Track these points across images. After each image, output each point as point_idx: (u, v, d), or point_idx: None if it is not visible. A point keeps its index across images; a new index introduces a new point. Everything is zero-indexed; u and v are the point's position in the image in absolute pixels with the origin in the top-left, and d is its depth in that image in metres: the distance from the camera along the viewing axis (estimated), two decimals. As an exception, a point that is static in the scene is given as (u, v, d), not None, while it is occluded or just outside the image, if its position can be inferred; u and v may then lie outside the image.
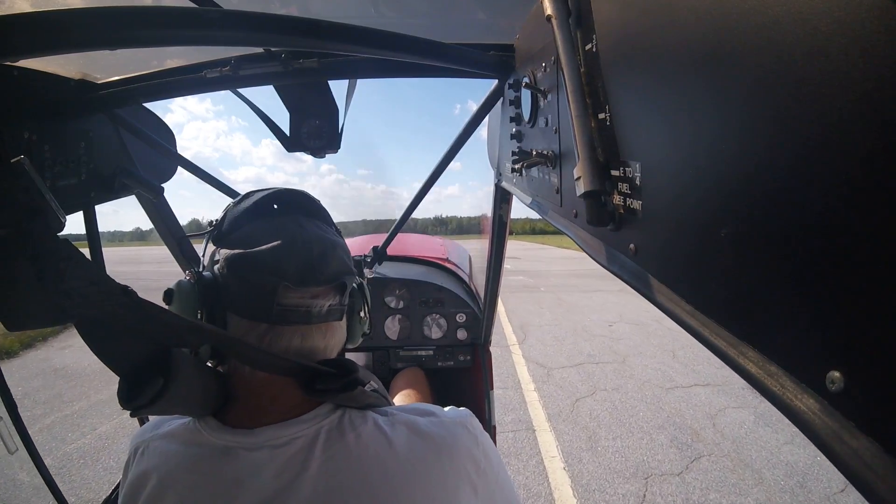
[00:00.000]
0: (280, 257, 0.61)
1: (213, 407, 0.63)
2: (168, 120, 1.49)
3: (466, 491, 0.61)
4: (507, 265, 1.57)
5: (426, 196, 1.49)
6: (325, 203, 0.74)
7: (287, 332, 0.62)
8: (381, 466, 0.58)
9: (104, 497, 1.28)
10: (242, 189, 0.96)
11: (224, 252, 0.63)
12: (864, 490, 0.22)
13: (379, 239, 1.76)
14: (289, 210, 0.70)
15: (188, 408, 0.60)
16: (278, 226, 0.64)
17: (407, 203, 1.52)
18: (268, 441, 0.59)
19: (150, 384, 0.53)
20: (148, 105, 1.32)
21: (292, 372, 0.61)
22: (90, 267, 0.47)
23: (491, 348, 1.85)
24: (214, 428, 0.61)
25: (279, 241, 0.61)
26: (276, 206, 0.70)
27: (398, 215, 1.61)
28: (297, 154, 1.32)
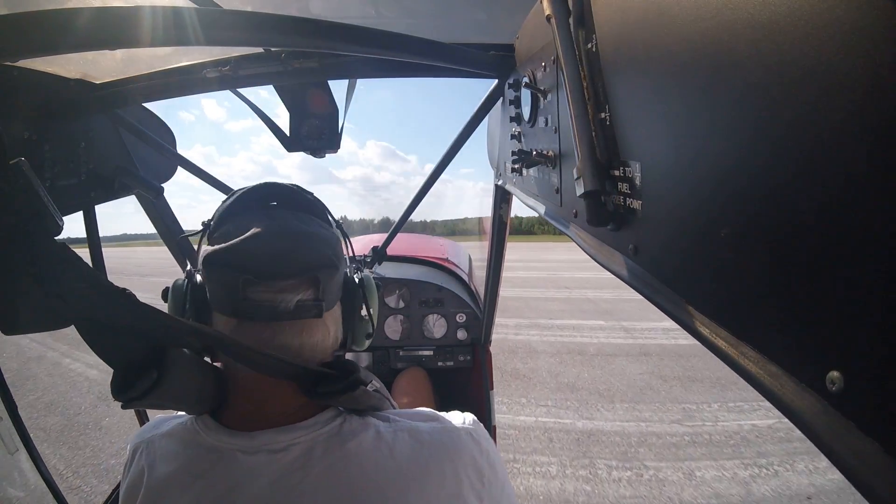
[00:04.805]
0: (246, 250, 0.58)
1: (210, 405, 0.62)
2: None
3: (471, 499, 0.60)
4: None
5: (426, 197, 1.49)
6: (426, 202, 0.68)
7: (255, 328, 0.59)
8: (383, 475, 0.57)
9: (104, 498, 1.28)
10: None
11: (205, 249, 0.62)
12: (864, 490, 0.22)
13: (379, 239, 1.76)
14: (270, 204, 0.67)
15: (182, 404, 0.59)
16: (254, 220, 0.62)
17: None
18: (265, 445, 0.58)
19: (144, 377, 0.51)
20: (148, 105, 1.32)
21: (291, 375, 0.59)
22: (89, 270, 0.47)
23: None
24: (212, 428, 0.60)
25: (247, 235, 0.59)
26: (258, 201, 0.68)
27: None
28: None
